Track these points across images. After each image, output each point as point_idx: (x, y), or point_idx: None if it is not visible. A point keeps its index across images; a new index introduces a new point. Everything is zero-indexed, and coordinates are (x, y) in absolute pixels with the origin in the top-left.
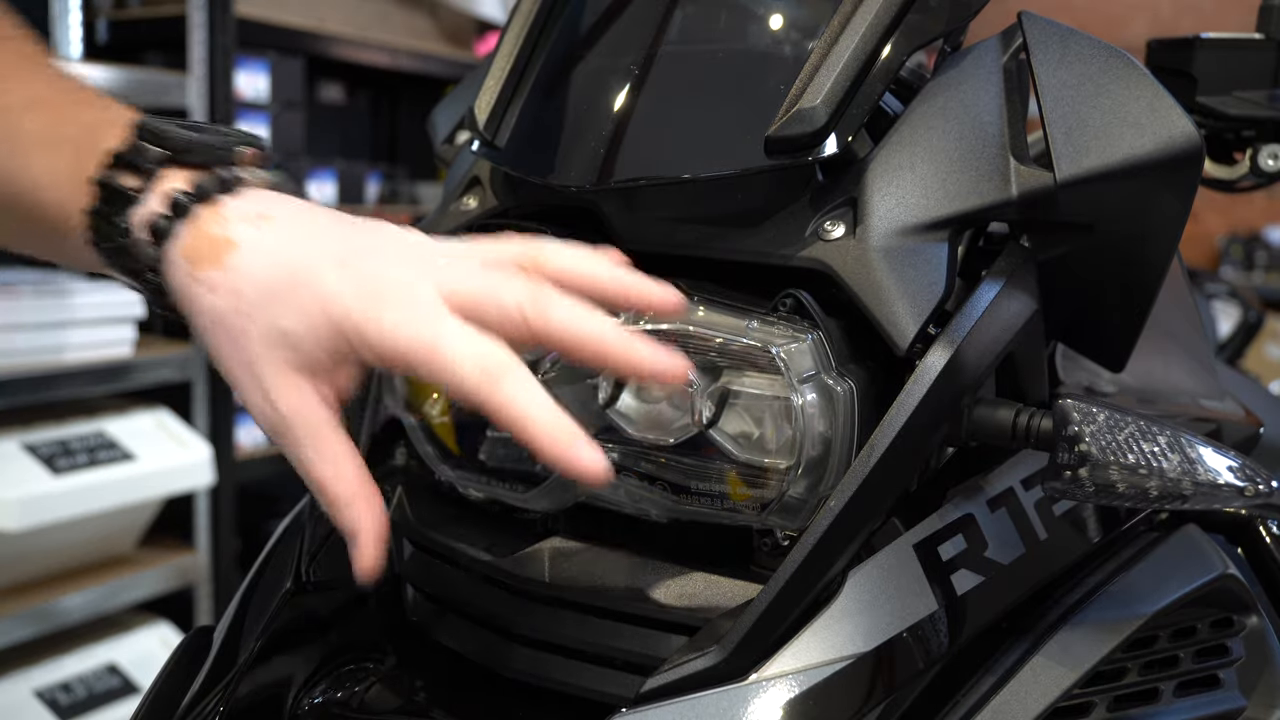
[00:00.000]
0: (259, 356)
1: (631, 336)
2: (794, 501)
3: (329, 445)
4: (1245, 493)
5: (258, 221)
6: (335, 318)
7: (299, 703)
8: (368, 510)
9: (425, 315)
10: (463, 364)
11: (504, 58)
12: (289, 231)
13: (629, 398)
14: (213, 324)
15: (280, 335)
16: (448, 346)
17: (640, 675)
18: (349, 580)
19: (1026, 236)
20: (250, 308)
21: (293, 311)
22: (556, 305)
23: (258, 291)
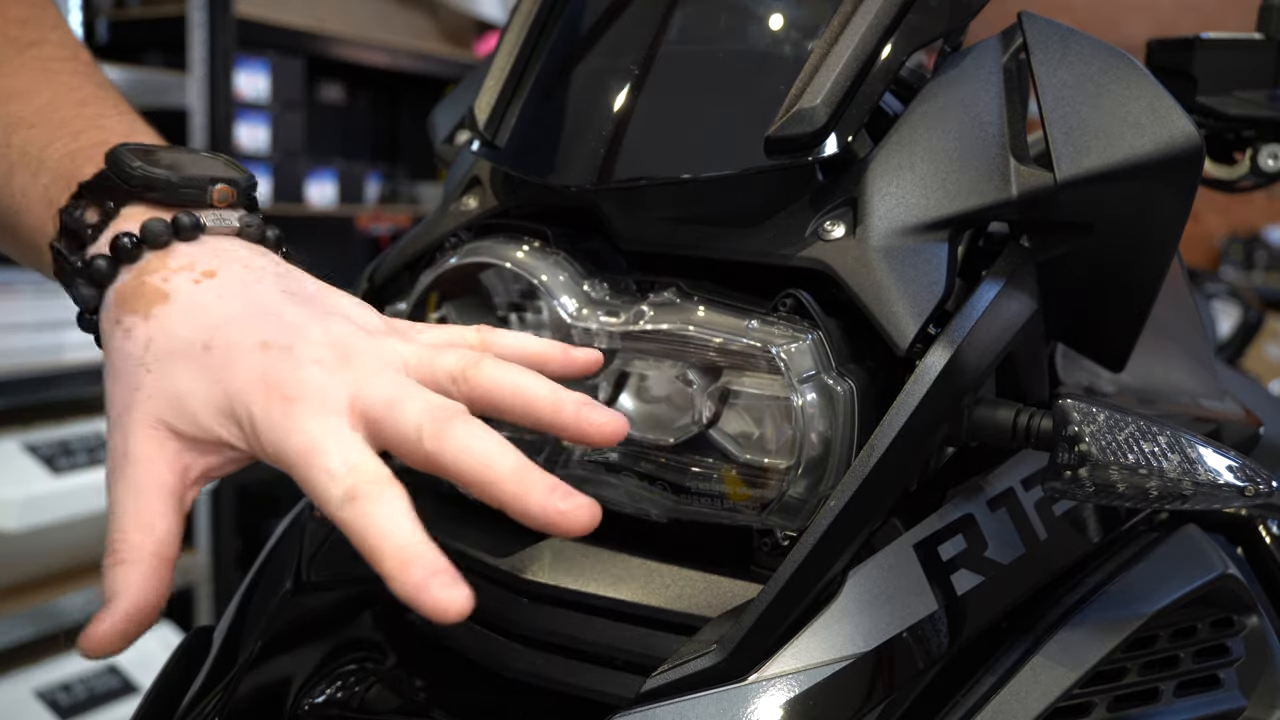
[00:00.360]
0: (139, 404)
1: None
2: (794, 501)
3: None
4: (1245, 493)
5: (200, 277)
6: (232, 399)
7: (299, 703)
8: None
9: (317, 419)
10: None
11: (504, 58)
12: (225, 295)
13: (629, 398)
14: (115, 368)
15: (171, 395)
16: (322, 456)
17: (640, 675)
18: (349, 580)
19: (1026, 236)
20: (154, 361)
21: (193, 377)
22: (458, 431)
23: (168, 348)
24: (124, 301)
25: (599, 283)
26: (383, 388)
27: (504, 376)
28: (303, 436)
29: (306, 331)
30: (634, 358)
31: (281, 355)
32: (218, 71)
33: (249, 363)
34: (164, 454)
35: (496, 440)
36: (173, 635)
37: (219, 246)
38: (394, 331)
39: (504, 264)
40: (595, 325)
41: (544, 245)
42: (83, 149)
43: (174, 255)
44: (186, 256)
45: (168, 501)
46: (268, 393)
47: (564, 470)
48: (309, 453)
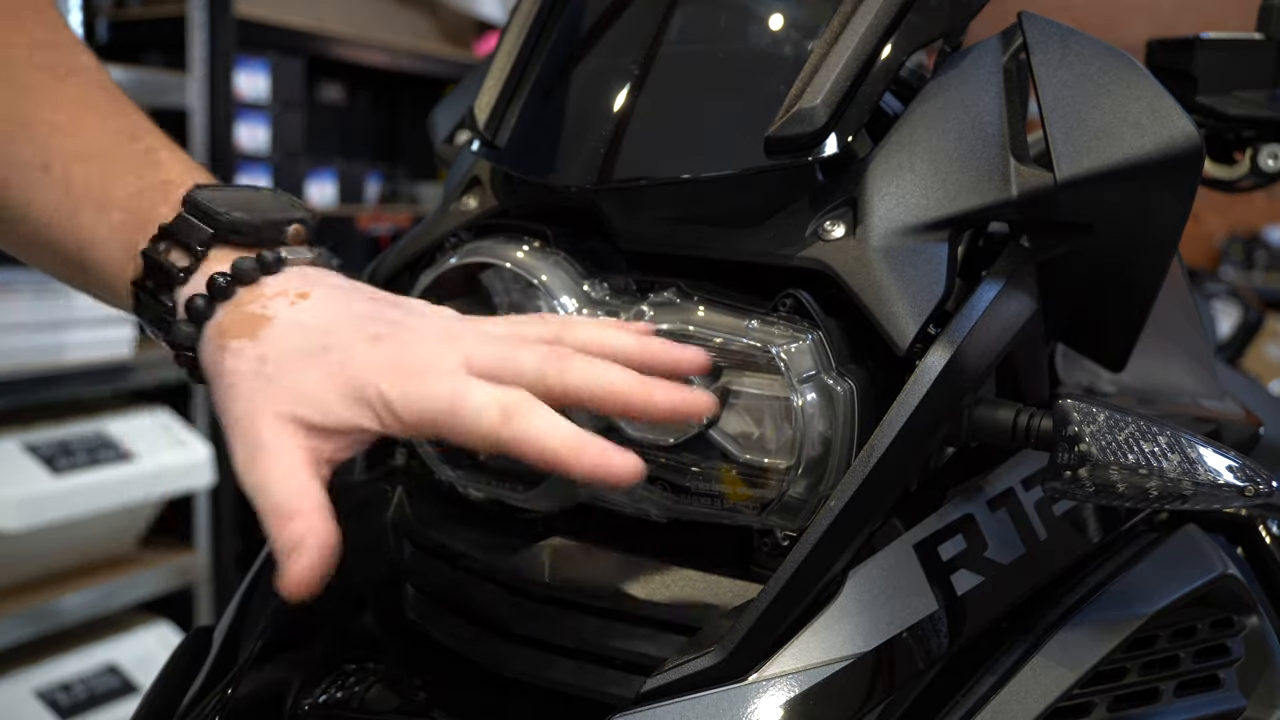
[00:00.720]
0: (262, 406)
1: (648, 383)
2: (794, 501)
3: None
4: (1245, 493)
5: (295, 299)
6: (360, 386)
7: (299, 703)
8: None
9: (446, 378)
10: (483, 411)
11: (504, 58)
12: (323, 308)
13: None
14: (228, 385)
15: (297, 393)
16: (468, 399)
17: (640, 675)
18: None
19: (1026, 236)
20: (273, 370)
21: (317, 374)
22: (574, 364)
23: (285, 357)
24: (225, 331)
25: (599, 283)
26: (492, 349)
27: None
28: (440, 394)
29: (409, 323)
30: None
31: (395, 342)
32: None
33: (368, 353)
34: (296, 441)
35: (607, 366)
36: (173, 635)
37: (303, 274)
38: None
39: (504, 264)
40: None
41: (544, 245)
42: (150, 188)
43: (264, 286)
44: (277, 285)
45: (312, 474)
46: (394, 371)
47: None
48: (452, 401)
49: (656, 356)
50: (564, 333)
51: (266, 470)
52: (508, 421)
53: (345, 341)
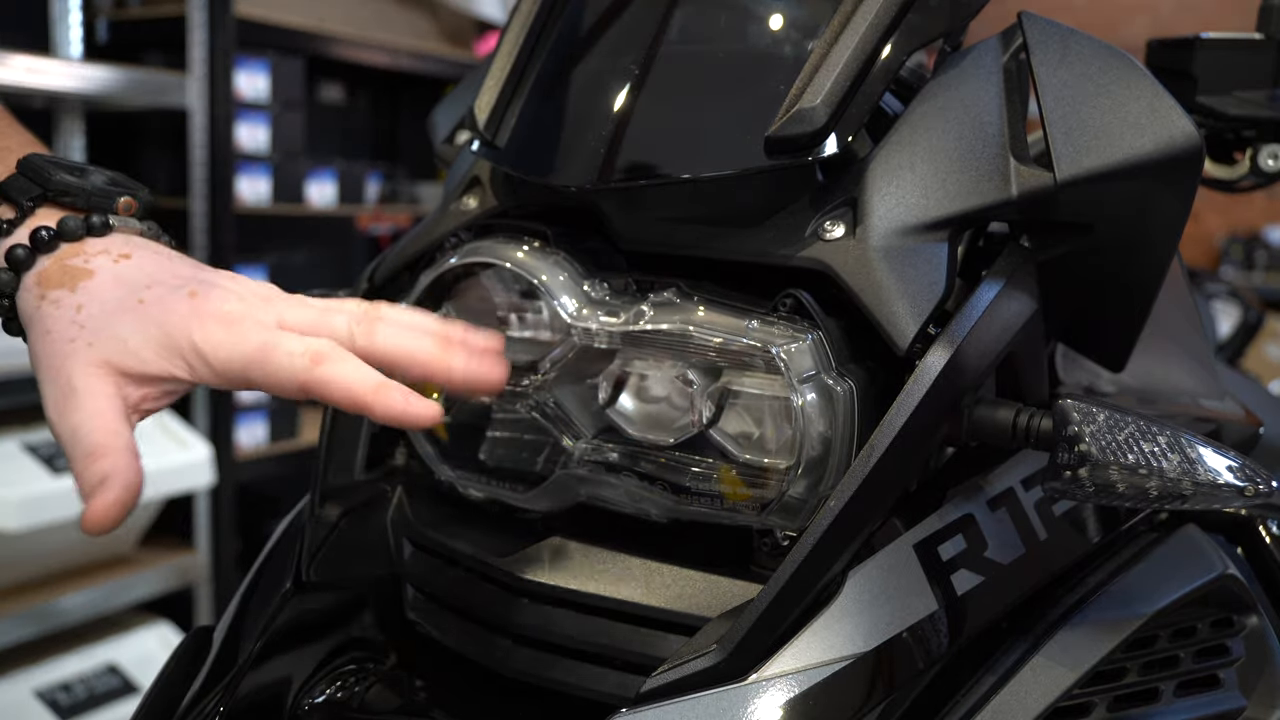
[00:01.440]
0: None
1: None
2: (794, 501)
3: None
4: (1245, 493)
5: (118, 258)
6: (174, 335)
7: (299, 703)
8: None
9: (258, 329)
10: (293, 356)
11: (504, 58)
12: (144, 265)
13: (629, 398)
14: (41, 333)
15: (113, 341)
16: (278, 346)
17: (640, 675)
18: (349, 580)
19: (1026, 236)
20: (87, 319)
21: (131, 324)
22: (381, 327)
23: (102, 308)
24: (46, 281)
25: (599, 283)
26: (305, 312)
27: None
28: (251, 342)
29: (227, 284)
30: (634, 358)
31: (208, 296)
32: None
33: (183, 305)
34: (107, 386)
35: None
36: (173, 635)
37: (128, 238)
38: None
39: (504, 264)
40: (595, 325)
41: (544, 245)
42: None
43: (88, 244)
44: (101, 244)
45: (122, 417)
46: (207, 321)
47: (564, 470)
48: (263, 349)
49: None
50: (373, 311)
51: (77, 415)
52: (316, 365)
53: (161, 295)
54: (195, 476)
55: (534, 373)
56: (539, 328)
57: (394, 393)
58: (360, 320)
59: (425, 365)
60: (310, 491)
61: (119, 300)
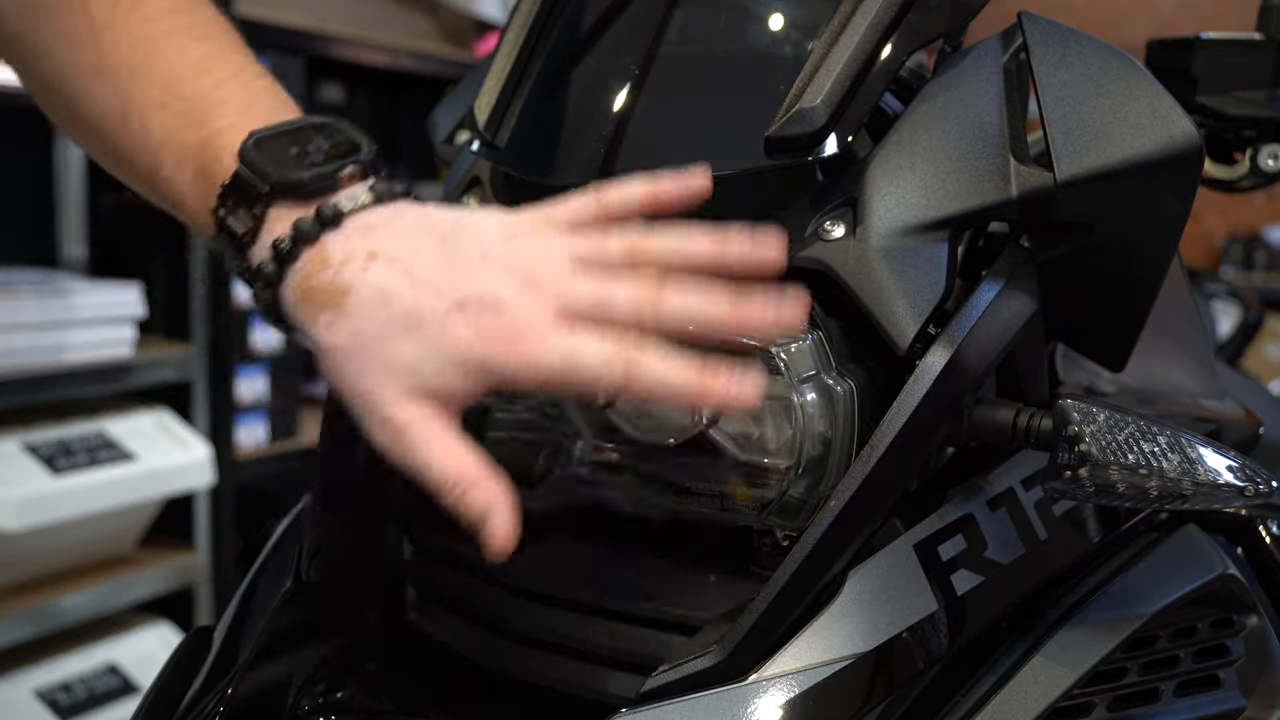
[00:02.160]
0: (380, 384)
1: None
2: (794, 501)
3: (444, 441)
4: (1245, 493)
5: (365, 263)
6: (463, 362)
7: (299, 703)
8: (493, 489)
9: (547, 341)
10: (601, 371)
11: (504, 58)
12: (398, 270)
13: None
14: (336, 362)
15: (404, 366)
16: (579, 361)
17: (640, 675)
18: (349, 580)
19: (1026, 236)
20: (370, 343)
21: (415, 351)
22: (667, 303)
23: (377, 329)
24: (309, 301)
25: None
26: (582, 294)
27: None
28: (549, 361)
29: (484, 275)
30: None
31: (479, 308)
32: None
33: (457, 326)
34: (426, 409)
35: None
36: (173, 635)
37: (364, 226)
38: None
39: None
40: None
41: None
42: (213, 137)
43: (328, 248)
44: (342, 247)
45: (456, 435)
46: (492, 343)
47: (564, 470)
48: (564, 365)
49: (734, 259)
50: (640, 251)
51: (421, 453)
52: (630, 380)
53: (433, 312)
54: (195, 476)
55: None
56: None
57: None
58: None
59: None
60: (310, 491)
61: (392, 322)
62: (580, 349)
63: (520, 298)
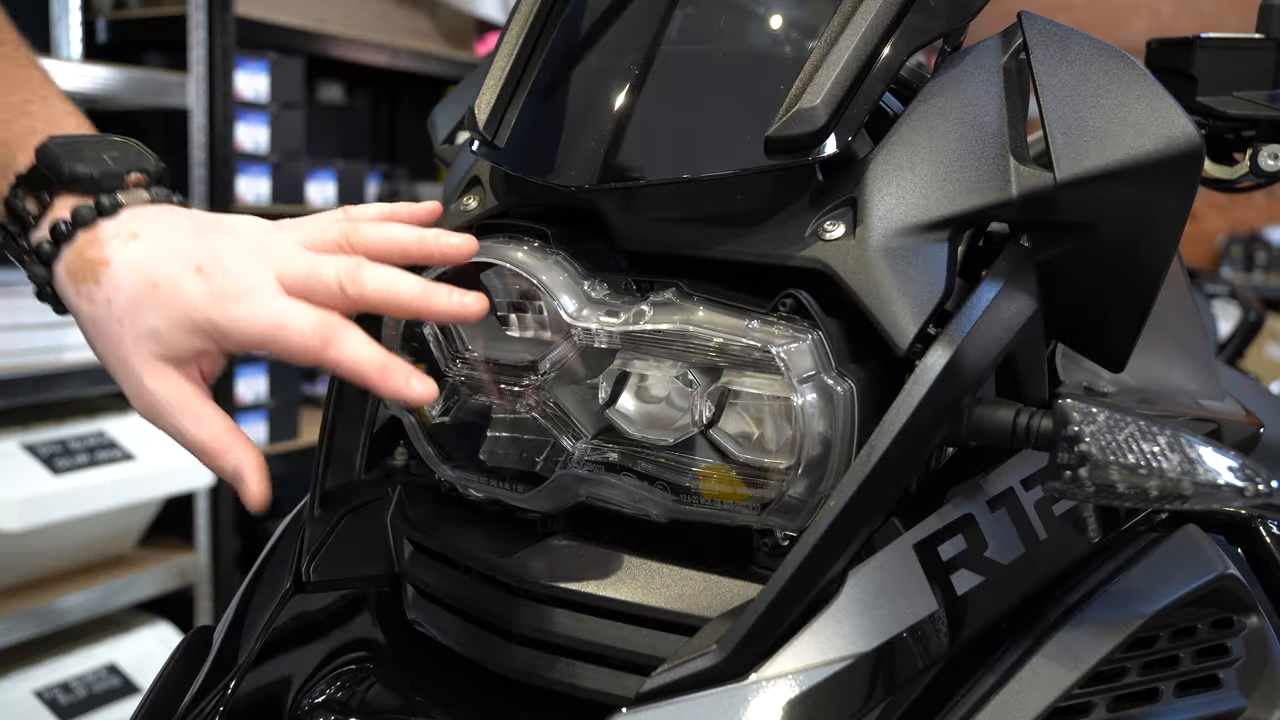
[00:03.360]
0: (131, 351)
1: (430, 287)
2: (794, 501)
3: (196, 410)
4: (1245, 493)
5: (127, 240)
6: (194, 318)
7: (299, 703)
8: (244, 452)
9: (266, 303)
10: (302, 335)
11: (504, 58)
12: (153, 245)
13: (629, 398)
14: (92, 329)
15: (148, 332)
16: (288, 323)
17: (640, 675)
18: (349, 580)
19: (1026, 236)
20: (120, 313)
21: (157, 313)
22: (367, 275)
23: (127, 299)
24: (75, 275)
25: (599, 283)
26: (298, 265)
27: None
28: (264, 319)
29: (225, 243)
30: (634, 358)
31: (212, 268)
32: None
33: (191, 284)
34: (174, 379)
35: (396, 272)
36: (173, 635)
37: (137, 214)
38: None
39: (504, 264)
40: (595, 325)
41: (544, 245)
42: (14, 139)
43: (102, 229)
44: (113, 227)
45: (206, 400)
46: (218, 300)
47: (564, 470)
48: (276, 328)
49: (429, 250)
50: (353, 235)
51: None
52: (326, 346)
53: (171, 275)
54: (195, 476)
55: (534, 373)
56: (539, 328)
57: (397, 374)
58: (347, 273)
59: (411, 310)
60: (310, 491)
61: (138, 288)
62: (289, 311)
63: (247, 262)
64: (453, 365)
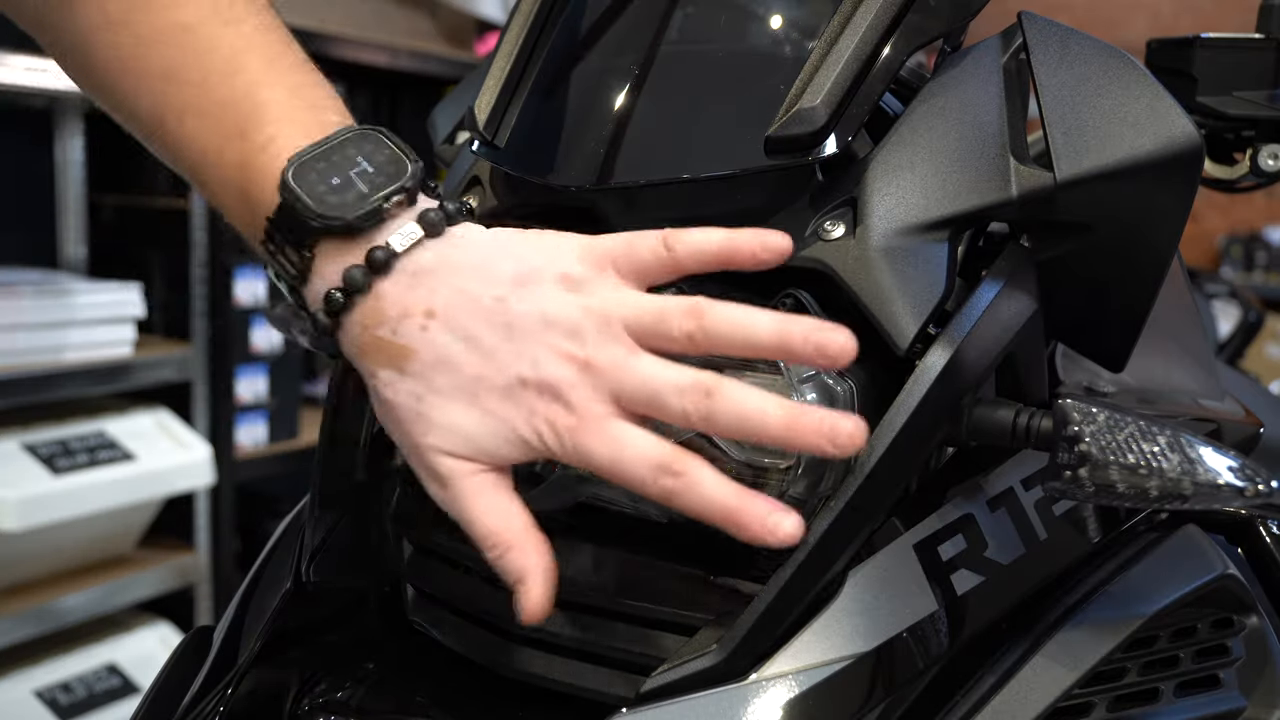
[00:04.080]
0: (435, 443)
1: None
2: (794, 501)
3: (489, 499)
4: (1245, 493)
5: (424, 321)
6: (522, 434)
7: (299, 703)
8: (531, 554)
9: (602, 432)
10: (639, 470)
11: (504, 58)
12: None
13: None
14: (394, 417)
15: (458, 429)
16: (626, 461)
17: (640, 675)
18: (349, 580)
19: (1026, 236)
20: (429, 408)
21: (475, 420)
22: (718, 407)
23: (436, 395)
24: (367, 355)
25: None
26: (635, 384)
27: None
28: (601, 450)
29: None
30: None
31: (540, 390)
32: None
33: (517, 404)
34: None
35: (755, 397)
36: (173, 635)
37: (420, 273)
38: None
39: None
40: None
41: None
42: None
43: (385, 299)
44: (397, 301)
45: (501, 489)
46: (552, 428)
47: (564, 470)
48: (615, 460)
49: (794, 347)
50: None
51: (464, 503)
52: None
53: (493, 387)
54: (195, 476)
55: None
56: None
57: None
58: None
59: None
60: (310, 491)
61: (451, 389)
62: (626, 450)
63: (577, 383)
64: None
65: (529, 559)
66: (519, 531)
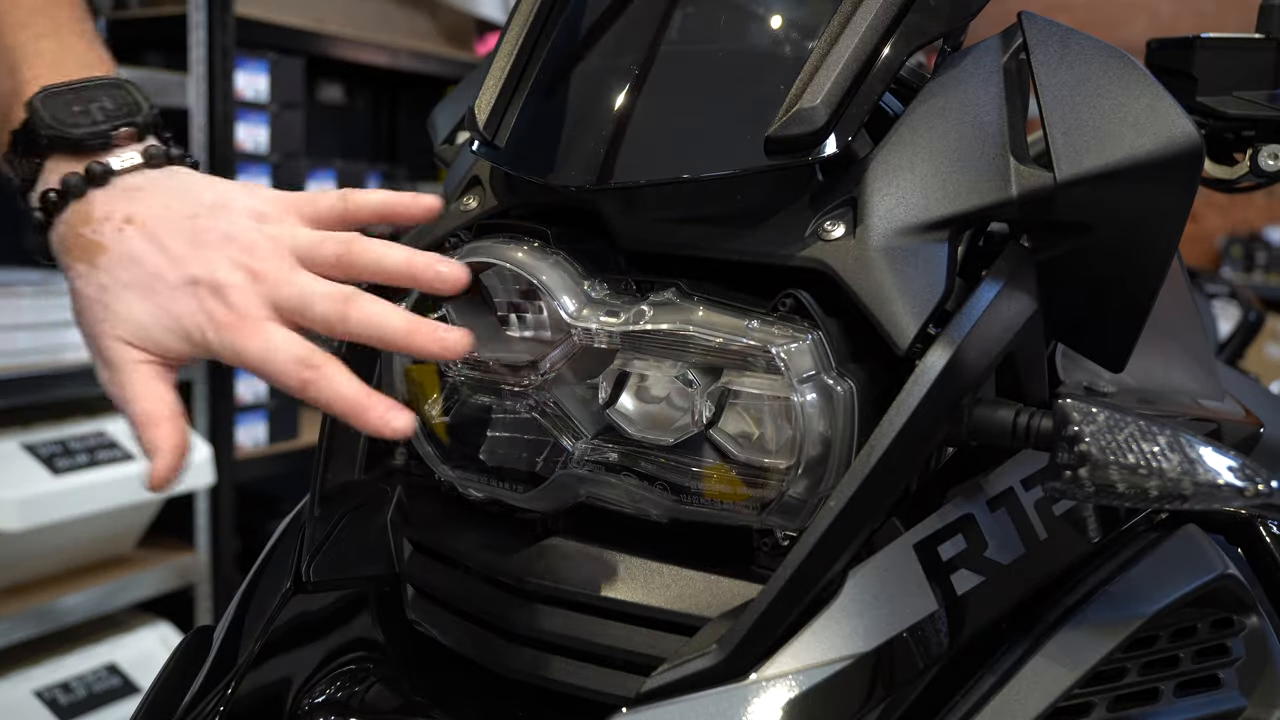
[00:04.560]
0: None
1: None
2: (794, 501)
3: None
4: (1245, 493)
5: (122, 225)
6: (186, 326)
7: (299, 703)
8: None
9: (256, 334)
10: (285, 372)
11: (504, 58)
12: (150, 241)
13: (629, 398)
14: (82, 307)
15: (133, 323)
16: (273, 358)
17: (640, 675)
18: (349, 580)
19: (1026, 236)
20: (111, 299)
21: (147, 310)
22: (354, 311)
23: (120, 287)
24: (69, 252)
25: (599, 283)
26: (290, 293)
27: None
28: (254, 346)
29: (220, 257)
30: (634, 358)
31: (209, 290)
32: (217, 71)
33: (188, 299)
34: (139, 356)
35: (384, 307)
36: (173, 635)
37: (130, 188)
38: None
39: (504, 264)
40: (595, 325)
41: (544, 245)
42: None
43: (95, 204)
44: (105, 205)
45: (161, 379)
46: (213, 322)
47: (564, 470)
48: (264, 356)
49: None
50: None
51: (123, 388)
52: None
53: (168, 283)
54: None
55: (534, 373)
56: (539, 328)
57: (375, 409)
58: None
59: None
60: (310, 491)
61: (133, 281)
62: (275, 346)
63: (242, 287)
64: (453, 365)
65: (171, 438)
66: (168, 416)
